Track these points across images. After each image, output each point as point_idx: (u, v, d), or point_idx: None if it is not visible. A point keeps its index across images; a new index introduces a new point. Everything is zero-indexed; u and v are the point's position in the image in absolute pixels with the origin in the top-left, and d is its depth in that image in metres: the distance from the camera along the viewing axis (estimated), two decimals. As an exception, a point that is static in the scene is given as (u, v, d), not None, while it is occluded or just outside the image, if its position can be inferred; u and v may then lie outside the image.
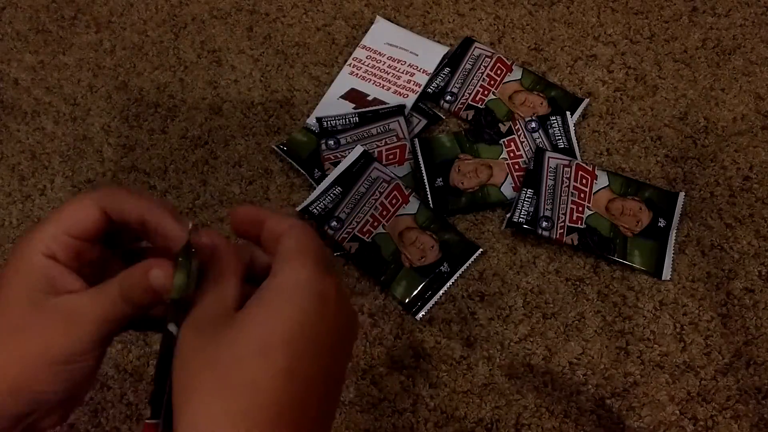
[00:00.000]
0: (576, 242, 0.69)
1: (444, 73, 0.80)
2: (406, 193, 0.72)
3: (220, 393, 0.26)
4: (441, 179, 0.73)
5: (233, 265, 0.31)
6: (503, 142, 0.75)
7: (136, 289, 0.30)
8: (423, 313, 0.67)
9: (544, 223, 0.69)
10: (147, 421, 0.29)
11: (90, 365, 0.30)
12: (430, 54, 0.81)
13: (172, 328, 0.29)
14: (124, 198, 0.32)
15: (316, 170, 0.75)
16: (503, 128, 0.76)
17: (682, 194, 0.72)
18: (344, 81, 0.81)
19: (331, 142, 0.75)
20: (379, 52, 0.82)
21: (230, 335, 0.27)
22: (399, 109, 0.77)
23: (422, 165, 0.74)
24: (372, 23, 0.84)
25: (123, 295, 0.30)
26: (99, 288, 0.31)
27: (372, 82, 0.80)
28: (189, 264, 0.30)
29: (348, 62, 0.82)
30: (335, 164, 0.73)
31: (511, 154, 0.74)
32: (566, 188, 0.71)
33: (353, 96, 0.80)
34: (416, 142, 0.75)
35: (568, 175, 0.71)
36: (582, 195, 0.71)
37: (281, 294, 0.28)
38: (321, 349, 0.28)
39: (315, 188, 0.73)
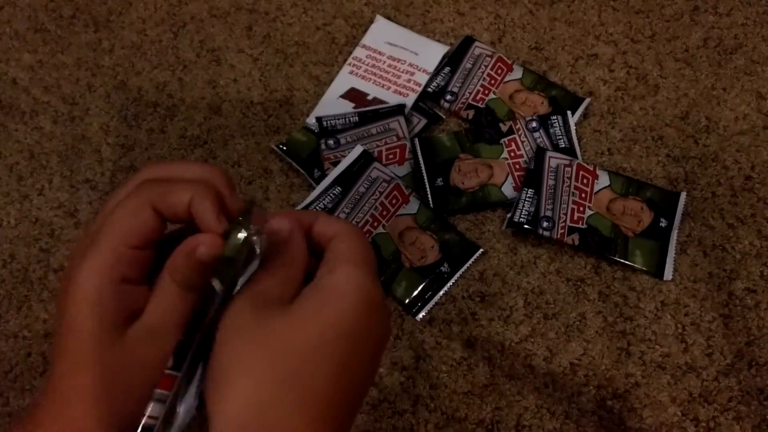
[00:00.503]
0: (577, 242, 0.68)
1: (444, 73, 0.80)
2: (406, 193, 0.71)
3: (273, 380, 0.26)
4: (441, 179, 0.73)
5: (302, 255, 0.32)
6: (504, 141, 0.75)
7: (191, 275, 0.29)
8: (423, 313, 0.67)
9: (545, 223, 0.68)
10: (167, 371, 0.28)
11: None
12: (430, 53, 0.81)
13: (215, 284, 0.29)
14: (171, 191, 0.30)
15: (316, 170, 0.74)
16: (504, 128, 0.75)
17: (683, 194, 0.72)
18: (344, 80, 0.80)
19: (331, 142, 0.75)
20: (379, 52, 0.82)
21: (285, 324, 0.28)
22: (399, 109, 0.77)
23: (422, 165, 0.73)
24: (372, 22, 0.84)
25: (182, 286, 0.30)
26: (157, 295, 0.30)
27: (372, 81, 0.80)
28: (249, 226, 0.29)
29: (348, 61, 0.82)
30: (335, 164, 0.73)
31: (512, 154, 0.74)
32: (567, 188, 0.70)
33: (353, 95, 0.79)
34: (416, 142, 0.74)
35: (569, 175, 0.71)
36: (583, 195, 0.71)
37: (337, 292, 0.29)
38: (366, 350, 0.29)
39: (315, 188, 0.72)
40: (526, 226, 0.68)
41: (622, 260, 0.68)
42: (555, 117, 0.76)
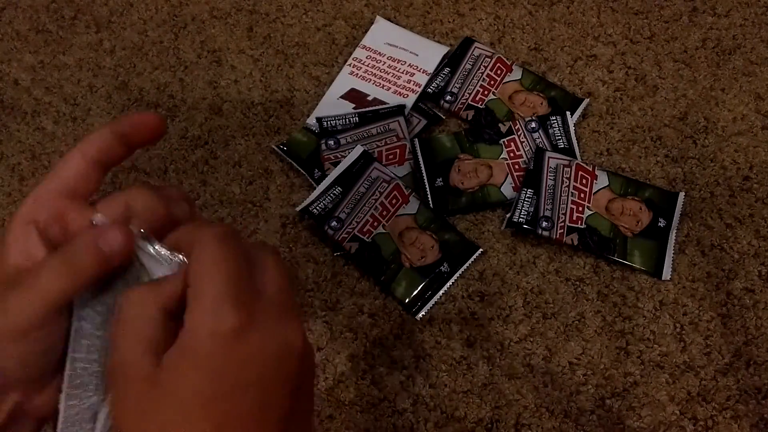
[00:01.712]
0: (576, 242, 0.69)
1: (444, 73, 0.80)
2: (406, 193, 0.72)
3: None
4: (441, 179, 0.73)
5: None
6: (503, 142, 0.75)
7: (87, 264, 0.28)
8: (423, 313, 0.67)
9: (544, 223, 0.69)
10: None
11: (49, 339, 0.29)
12: (430, 54, 0.81)
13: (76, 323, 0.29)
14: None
15: (316, 170, 0.75)
16: (503, 128, 0.76)
17: (682, 194, 0.72)
18: (344, 81, 0.81)
19: (331, 142, 0.75)
20: (379, 52, 0.82)
21: (152, 397, 0.25)
22: (399, 109, 0.77)
23: (422, 165, 0.74)
24: (372, 23, 0.84)
25: (75, 270, 0.28)
26: (49, 263, 0.29)
27: (372, 82, 0.80)
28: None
29: (348, 62, 0.82)
30: (335, 164, 0.73)
31: (511, 154, 0.74)
32: (566, 188, 0.71)
33: (353, 96, 0.80)
34: (416, 142, 0.75)
35: (568, 175, 0.71)
36: (582, 195, 0.71)
37: (192, 349, 0.25)
38: (253, 395, 0.26)
39: (315, 188, 0.73)
40: (525, 226, 0.69)
41: (621, 260, 0.68)
42: (554, 117, 0.76)
